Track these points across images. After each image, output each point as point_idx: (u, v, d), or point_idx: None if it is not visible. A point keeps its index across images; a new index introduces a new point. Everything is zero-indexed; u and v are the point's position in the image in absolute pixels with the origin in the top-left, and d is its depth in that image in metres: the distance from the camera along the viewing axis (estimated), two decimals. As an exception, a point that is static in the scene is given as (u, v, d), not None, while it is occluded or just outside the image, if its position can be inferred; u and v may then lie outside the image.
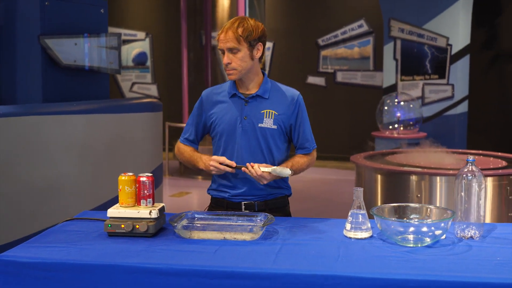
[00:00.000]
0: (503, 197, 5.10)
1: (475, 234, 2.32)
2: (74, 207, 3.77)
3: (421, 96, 8.59)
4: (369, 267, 2.00)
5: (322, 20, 10.77)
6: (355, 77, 10.55)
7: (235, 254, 2.15)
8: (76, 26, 4.43)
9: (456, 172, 5.08)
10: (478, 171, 2.32)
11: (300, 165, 2.80)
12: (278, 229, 2.46)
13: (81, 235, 2.39)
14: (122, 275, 2.04)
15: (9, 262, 2.10)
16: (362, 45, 10.45)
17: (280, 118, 2.74)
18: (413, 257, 2.09)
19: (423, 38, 8.51)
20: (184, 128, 2.92)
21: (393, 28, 8.78)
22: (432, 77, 8.52)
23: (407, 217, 2.42)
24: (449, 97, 8.38)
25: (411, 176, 5.23)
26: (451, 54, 8.31)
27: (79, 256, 2.13)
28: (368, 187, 5.60)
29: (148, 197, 2.41)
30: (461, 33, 8.25)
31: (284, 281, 1.96)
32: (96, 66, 4.60)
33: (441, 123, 8.47)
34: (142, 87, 11.68)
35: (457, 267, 1.99)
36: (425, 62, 8.56)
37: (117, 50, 4.86)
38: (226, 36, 2.67)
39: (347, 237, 2.35)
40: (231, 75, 2.71)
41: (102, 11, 4.77)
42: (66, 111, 3.80)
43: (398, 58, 8.79)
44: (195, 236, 2.32)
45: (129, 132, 4.30)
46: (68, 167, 3.76)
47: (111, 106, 4.26)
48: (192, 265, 2.04)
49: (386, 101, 8.48)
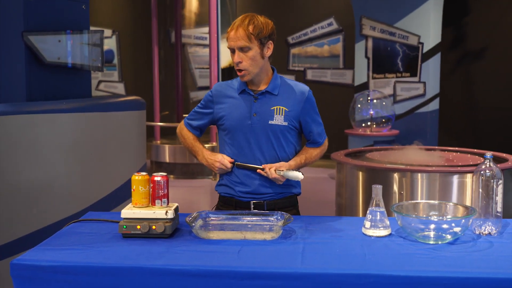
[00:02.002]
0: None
1: (492, 230, 2.33)
2: (65, 208, 3.67)
3: (393, 94, 8.67)
4: (399, 265, 1.99)
5: (291, 18, 10.78)
6: (325, 75, 10.59)
7: (259, 254, 2.11)
8: (59, 23, 4.32)
9: (437, 169, 5.16)
10: (496, 168, 2.33)
11: (313, 158, 2.83)
12: (294, 228, 2.43)
13: (94, 237, 2.32)
14: (146, 277, 1.98)
15: (27, 266, 2.02)
16: (332, 43, 10.49)
17: (290, 114, 2.71)
18: (439, 254, 2.09)
19: (394, 36, 8.59)
20: (191, 111, 2.91)
21: (365, 27, 8.84)
22: (404, 75, 8.60)
23: (425, 214, 2.41)
24: (421, 95, 8.48)
25: (393, 173, 5.27)
26: (422, 52, 8.41)
27: (99, 258, 2.07)
28: (350, 184, 5.62)
29: (163, 197, 2.36)
30: (432, 31, 8.36)
31: (315, 280, 1.94)
32: (79, 63, 4.50)
33: (413, 121, 8.56)
34: (108, 85, 11.49)
35: (485, 264, 1.99)
36: (397, 60, 8.64)
37: (99, 47, 4.76)
38: (237, 34, 2.62)
39: (366, 235, 2.33)
40: (243, 76, 2.67)
41: (83, 7, 4.66)
42: (55, 109, 3.70)
43: (370, 56, 8.85)
44: (214, 236, 2.27)
45: (117, 131, 4.21)
46: (58, 167, 3.66)
47: (99, 104, 4.17)
48: (219, 266, 2.00)
49: (359, 99, 8.53)
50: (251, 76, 2.68)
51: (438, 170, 5.13)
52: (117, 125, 4.22)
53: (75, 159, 3.78)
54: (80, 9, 4.61)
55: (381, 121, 8.35)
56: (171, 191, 2.46)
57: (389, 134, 8.27)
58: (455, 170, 5.10)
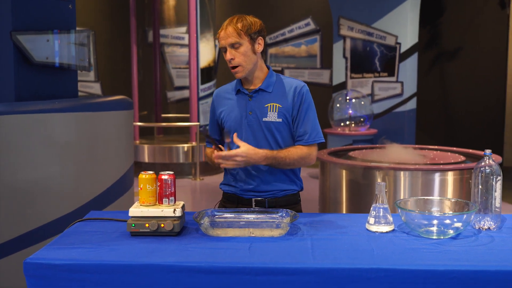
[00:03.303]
0: (465, 190, 5.29)
1: (491, 225, 2.41)
2: (58, 208, 3.66)
3: (371, 94, 8.78)
4: (407, 259, 2.04)
5: (269, 18, 10.81)
6: (303, 75, 10.67)
7: (270, 250, 2.15)
8: (46, 23, 4.29)
9: (420, 167, 5.24)
10: (495, 165, 2.40)
11: (290, 154, 2.69)
12: (298, 224, 2.47)
13: (102, 235, 2.33)
14: (161, 275, 2.01)
15: (40, 264, 2.03)
16: (309, 43, 10.58)
17: (283, 110, 2.74)
18: (444, 249, 2.15)
19: (372, 37, 8.70)
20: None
21: (343, 27, 8.93)
22: (382, 74, 8.72)
23: (428, 210, 2.48)
24: (398, 94, 8.60)
25: (376, 171, 5.36)
26: (400, 52, 8.53)
27: (112, 256, 2.09)
28: (333, 183, 5.69)
29: (171, 195, 2.38)
30: (409, 31, 8.49)
31: (328, 275, 1.98)
32: (66, 63, 4.48)
33: (391, 120, 8.69)
34: (84, 85, 11.40)
35: (491, 257, 2.06)
36: (375, 60, 8.76)
37: (86, 47, 4.74)
38: (227, 32, 2.67)
39: (370, 231, 2.39)
40: (238, 72, 2.71)
41: (70, 7, 4.64)
42: (48, 109, 3.68)
43: (348, 56, 8.95)
44: (222, 233, 2.31)
45: (107, 131, 4.20)
46: (51, 167, 3.65)
47: (90, 104, 4.15)
48: (233, 262, 2.03)
49: (338, 98, 8.62)
50: (245, 72, 2.71)
51: (420, 168, 5.23)
52: (107, 124, 4.22)
53: (68, 159, 3.77)
54: (67, 8, 4.59)
55: (359, 121, 8.45)
56: None
57: (368, 133, 8.38)
58: (437, 168, 5.21)
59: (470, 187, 5.30)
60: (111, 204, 4.16)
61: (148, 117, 10.40)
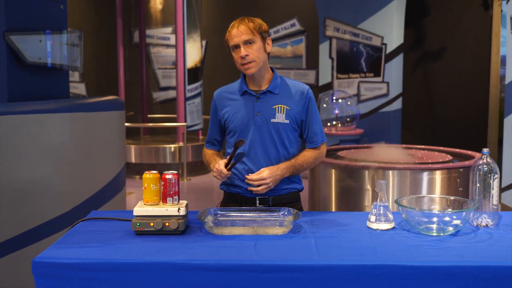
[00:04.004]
0: (452, 189, 5.37)
1: (488, 222, 2.46)
2: (54, 208, 3.66)
3: (357, 94, 8.85)
4: (410, 256, 2.08)
5: (255, 19, 10.86)
6: (288, 75, 10.70)
7: (275, 248, 2.18)
8: (39, 23, 4.29)
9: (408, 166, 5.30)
10: (493, 163, 2.46)
11: (307, 159, 2.84)
12: (300, 223, 2.51)
13: (107, 235, 2.35)
14: (169, 273, 2.03)
15: (49, 263, 2.04)
16: (295, 44, 10.62)
17: (291, 112, 2.78)
18: (446, 245, 2.20)
19: (358, 37, 8.77)
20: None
21: (329, 28, 8.99)
22: (368, 75, 8.79)
23: (427, 207, 2.52)
24: (384, 95, 8.68)
25: (366, 170, 5.41)
26: (385, 53, 8.61)
27: (119, 255, 2.10)
28: (323, 182, 5.74)
29: (175, 195, 2.40)
30: (395, 32, 8.57)
31: (333, 272, 2.01)
32: (58, 63, 4.47)
33: (377, 120, 8.76)
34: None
35: (493, 253, 2.11)
36: (361, 61, 8.83)
37: (78, 47, 4.74)
38: (240, 30, 2.69)
39: (371, 228, 2.43)
40: (251, 68, 2.71)
41: (62, 7, 4.64)
42: (44, 109, 3.68)
43: (334, 56, 9.01)
44: (227, 232, 2.33)
45: (101, 131, 4.21)
46: (47, 168, 3.65)
47: (84, 104, 4.16)
48: (240, 260, 2.05)
49: (324, 99, 8.68)
50: (257, 68, 2.73)
51: (408, 168, 5.29)
52: (101, 125, 4.22)
53: (63, 159, 3.77)
54: (58, 9, 4.59)
55: (346, 121, 8.51)
56: (139, 191, 2.51)
57: (354, 133, 8.45)
58: (425, 167, 5.28)
59: (458, 186, 5.39)
60: (105, 204, 4.17)
61: (135, 117, 10.38)
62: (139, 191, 7.99)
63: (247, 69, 2.73)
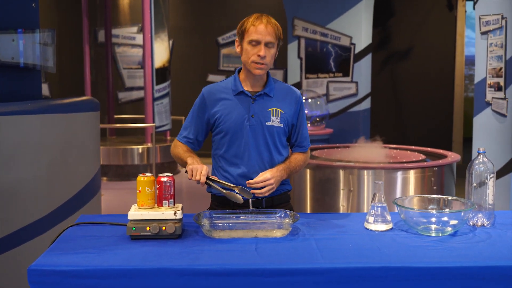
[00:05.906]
0: (427, 187, 5.41)
1: (485, 222, 2.46)
2: (32, 213, 3.55)
3: (326, 94, 8.87)
4: (415, 257, 2.07)
5: (222, 19, 10.81)
6: (256, 75, 10.68)
7: (276, 251, 2.14)
8: (10, 22, 4.16)
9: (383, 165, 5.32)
10: (488, 162, 2.46)
11: (298, 162, 2.82)
12: (296, 225, 2.47)
13: (101, 240, 2.27)
14: (172, 279, 1.97)
15: (45, 271, 1.95)
16: (262, 44, 10.59)
17: (285, 116, 2.74)
18: (448, 246, 2.19)
19: (327, 37, 8.79)
20: (182, 127, 2.84)
21: (297, 27, 8.99)
22: (336, 75, 8.82)
23: (425, 208, 2.52)
24: (353, 94, 8.72)
25: (340, 170, 5.41)
26: (354, 52, 8.65)
27: (118, 261, 2.03)
28: (298, 182, 5.72)
29: (170, 198, 2.34)
30: (363, 32, 8.61)
31: (339, 274, 1.99)
32: (31, 63, 4.35)
33: (346, 119, 8.80)
34: (31, 86, 11.11)
35: (494, 254, 2.11)
36: (329, 61, 8.85)
37: (51, 47, 4.62)
38: (267, 29, 2.63)
39: (369, 229, 2.41)
40: (262, 69, 2.65)
41: (33, 5, 4.51)
42: (21, 111, 3.57)
43: (303, 56, 9.01)
44: (225, 235, 2.28)
45: (77, 133, 4.10)
46: (24, 171, 3.53)
47: (61, 105, 4.04)
48: (244, 264, 2.01)
49: (294, 98, 8.67)
50: (264, 72, 2.68)
51: (383, 167, 5.31)
52: (78, 126, 4.12)
53: (40, 161, 3.66)
54: (30, 7, 4.46)
55: (315, 120, 8.52)
56: (108, 193, 2.44)
57: (324, 133, 8.46)
58: (400, 166, 5.30)
59: (432, 184, 5.44)
60: (82, 208, 4.07)
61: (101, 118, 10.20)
62: (108, 193, 7.86)
63: (257, 69, 2.65)
